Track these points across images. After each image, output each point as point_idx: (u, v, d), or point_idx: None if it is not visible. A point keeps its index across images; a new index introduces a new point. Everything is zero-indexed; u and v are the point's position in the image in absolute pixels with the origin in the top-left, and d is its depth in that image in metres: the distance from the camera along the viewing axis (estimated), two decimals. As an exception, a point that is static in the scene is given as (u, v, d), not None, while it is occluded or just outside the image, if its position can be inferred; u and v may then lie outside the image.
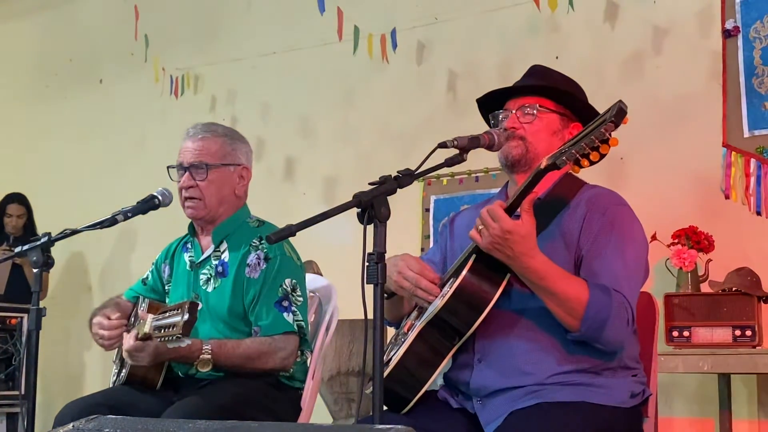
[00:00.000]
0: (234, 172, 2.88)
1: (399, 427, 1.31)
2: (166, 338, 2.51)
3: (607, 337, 2.10)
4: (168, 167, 2.90)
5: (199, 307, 2.58)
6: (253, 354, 2.69)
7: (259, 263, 2.79)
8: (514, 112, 2.34)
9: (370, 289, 1.96)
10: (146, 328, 2.58)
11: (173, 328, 2.48)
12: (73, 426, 1.60)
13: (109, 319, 2.80)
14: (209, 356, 2.64)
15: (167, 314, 2.55)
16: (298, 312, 2.76)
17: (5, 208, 6.18)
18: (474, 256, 2.16)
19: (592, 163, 2.03)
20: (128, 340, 2.63)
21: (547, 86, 2.36)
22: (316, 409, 2.98)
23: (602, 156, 2.02)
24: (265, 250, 2.79)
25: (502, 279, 2.15)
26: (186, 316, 2.45)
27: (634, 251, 2.20)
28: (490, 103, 2.44)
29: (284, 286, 2.76)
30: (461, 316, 2.15)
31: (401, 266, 2.25)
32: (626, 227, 2.22)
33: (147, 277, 3.04)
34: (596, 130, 1.96)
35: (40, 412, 2.79)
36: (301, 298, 2.79)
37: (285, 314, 2.73)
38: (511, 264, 2.09)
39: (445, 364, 2.22)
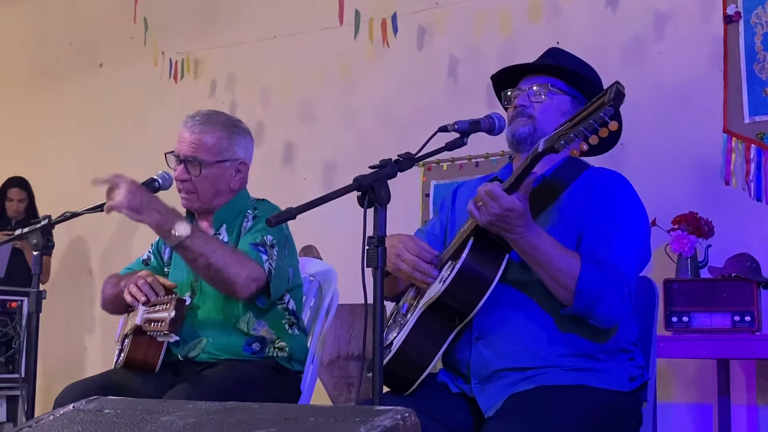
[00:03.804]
0: (230, 167, 2.85)
1: (399, 408, 1.31)
2: (156, 333, 2.52)
3: (602, 311, 2.11)
4: (166, 154, 2.88)
5: (186, 303, 2.58)
6: (229, 249, 2.63)
7: (248, 224, 2.80)
8: (525, 90, 2.35)
9: (369, 272, 1.96)
10: (137, 320, 2.60)
11: (161, 323, 2.50)
12: (73, 407, 1.61)
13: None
14: (188, 225, 2.55)
15: (157, 308, 2.56)
16: (272, 262, 2.68)
17: (6, 193, 6.18)
18: (473, 239, 2.16)
19: (591, 146, 2.02)
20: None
21: (559, 66, 2.36)
22: (316, 393, 2.99)
23: (602, 140, 2.02)
24: (255, 212, 2.80)
25: (501, 259, 2.16)
26: (173, 314, 2.46)
27: (634, 229, 2.21)
28: (503, 81, 2.44)
29: (264, 239, 2.71)
30: (463, 299, 2.15)
31: (399, 248, 2.25)
32: (627, 206, 2.23)
33: (149, 258, 3.02)
34: (595, 114, 1.95)
35: (40, 396, 2.80)
36: (276, 256, 2.70)
37: (259, 253, 2.67)
38: (506, 235, 2.11)
39: (447, 345, 2.23)
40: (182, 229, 2.53)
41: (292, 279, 2.82)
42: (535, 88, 2.35)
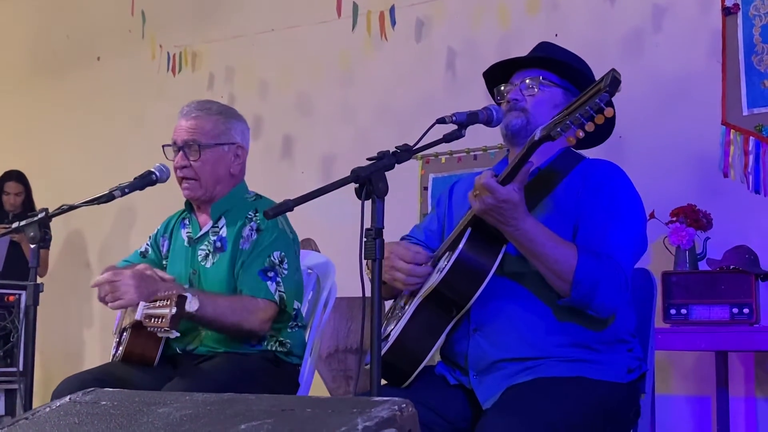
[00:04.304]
0: (229, 151, 2.87)
1: (396, 399, 1.31)
2: (156, 329, 2.52)
3: (600, 302, 2.11)
4: (163, 146, 2.89)
5: (187, 301, 2.58)
6: (237, 305, 2.67)
7: (251, 234, 2.79)
8: (517, 84, 2.35)
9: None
10: (137, 315, 2.60)
11: (161, 320, 2.50)
12: (70, 399, 1.60)
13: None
14: (196, 296, 2.56)
15: (158, 303, 2.56)
16: (282, 283, 2.73)
17: (3, 186, 6.18)
18: (470, 229, 2.16)
19: (587, 133, 2.02)
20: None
21: (550, 58, 2.37)
22: (314, 386, 2.99)
23: (597, 127, 2.01)
24: (258, 222, 2.80)
25: (498, 251, 2.16)
26: (174, 310, 2.47)
27: (630, 219, 2.21)
28: (496, 77, 2.44)
29: (272, 258, 2.74)
30: (459, 289, 2.15)
31: (392, 259, 2.23)
32: (622, 196, 2.23)
33: (146, 251, 3.02)
34: (591, 101, 1.96)
35: (38, 389, 2.80)
36: (287, 270, 2.75)
37: (268, 283, 2.71)
38: (502, 227, 2.11)
39: (444, 336, 2.23)
40: (190, 305, 2.56)
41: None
42: (527, 81, 2.35)
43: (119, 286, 2.58)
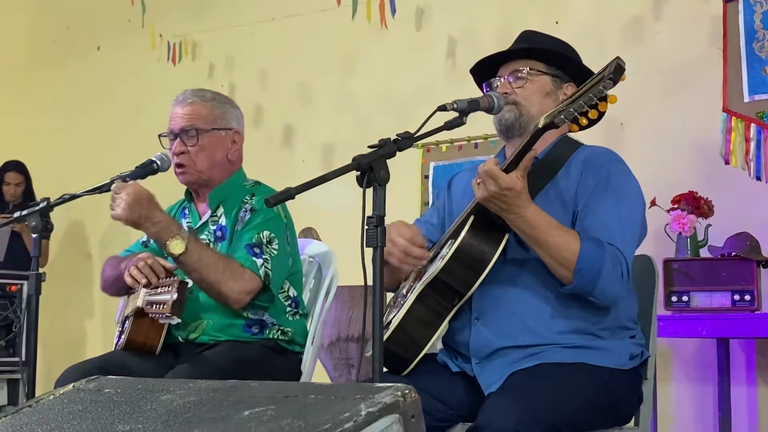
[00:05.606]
0: (226, 137, 2.87)
1: (399, 384, 1.32)
2: (157, 315, 2.52)
3: (602, 289, 2.12)
4: (159, 135, 2.89)
5: (188, 286, 2.59)
6: (222, 265, 2.66)
7: (245, 215, 2.80)
8: (506, 77, 2.35)
9: (368, 254, 1.96)
10: (139, 302, 2.60)
11: (163, 306, 2.50)
12: (73, 386, 1.61)
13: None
14: (184, 240, 2.60)
15: (159, 290, 2.56)
16: (270, 261, 2.72)
17: (3, 177, 6.18)
18: (473, 217, 2.16)
19: (590, 121, 2.02)
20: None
21: (534, 48, 2.37)
22: (316, 375, 2.99)
23: (601, 114, 2.02)
24: (253, 204, 2.80)
25: (500, 239, 2.16)
26: (175, 296, 2.47)
27: (629, 206, 2.22)
28: (485, 72, 2.45)
29: (260, 236, 2.74)
30: (461, 277, 2.16)
31: (391, 233, 2.21)
32: (621, 183, 2.24)
33: (149, 240, 3.01)
34: (594, 88, 1.97)
35: (41, 379, 2.80)
36: (276, 251, 2.74)
37: (254, 258, 2.70)
38: (505, 215, 2.11)
39: (446, 325, 2.23)
40: (175, 247, 2.59)
41: (291, 266, 2.83)
42: (514, 73, 2.36)
43: (116, 198, 2.63)
